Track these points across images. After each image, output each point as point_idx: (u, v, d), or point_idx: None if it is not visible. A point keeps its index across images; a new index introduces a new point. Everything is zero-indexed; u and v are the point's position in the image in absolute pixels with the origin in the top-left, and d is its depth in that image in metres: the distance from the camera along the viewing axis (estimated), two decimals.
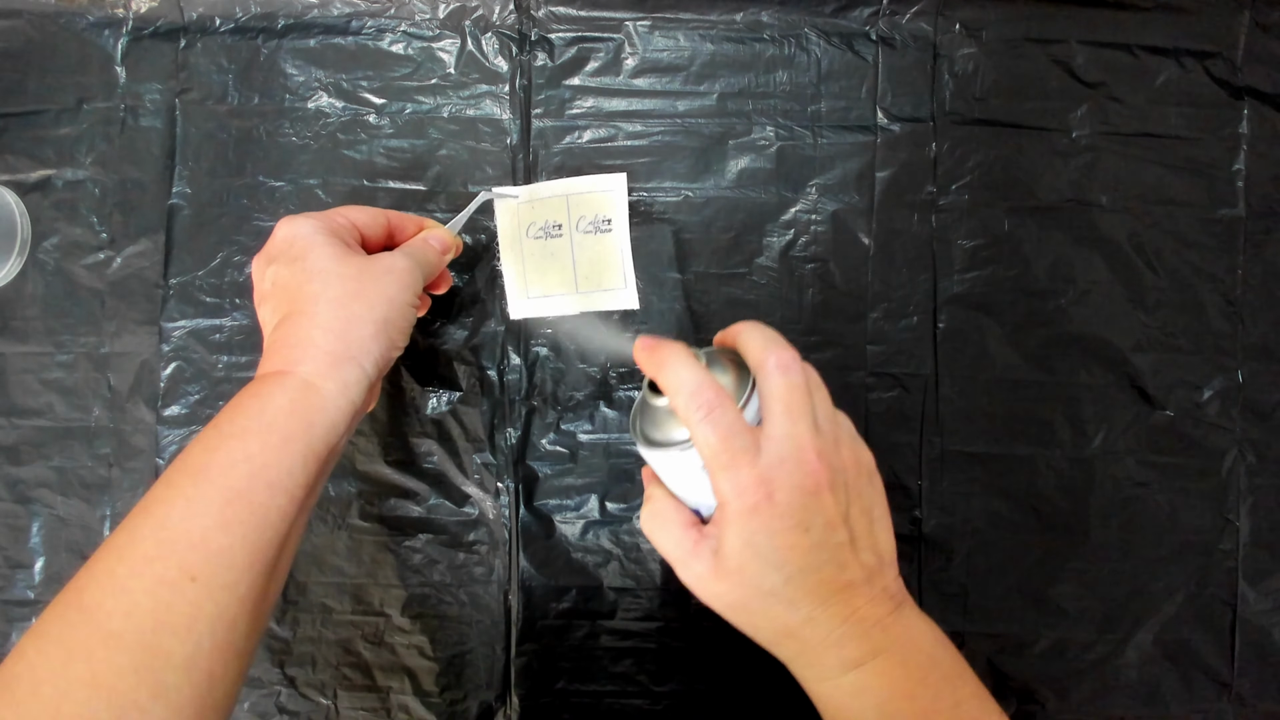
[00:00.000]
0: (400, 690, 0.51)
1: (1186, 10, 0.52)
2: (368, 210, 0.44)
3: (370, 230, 0.44)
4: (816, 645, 0.35)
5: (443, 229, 0.47)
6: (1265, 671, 0.51)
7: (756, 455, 0.34)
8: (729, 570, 0.34)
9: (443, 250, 0.46)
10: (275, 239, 0.41)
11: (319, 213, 0.42)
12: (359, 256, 0.41)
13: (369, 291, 0.40)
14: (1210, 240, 0.52)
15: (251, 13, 0.53)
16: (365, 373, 0.39)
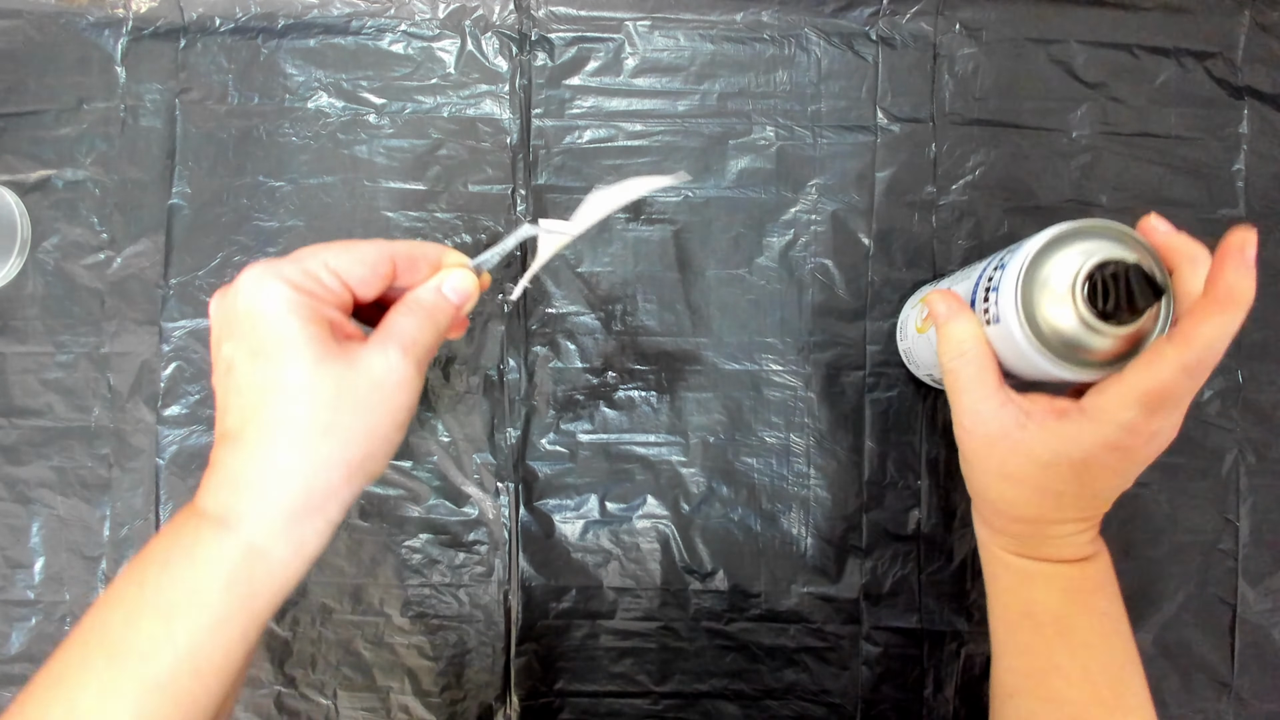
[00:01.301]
0: (400, 690, 0.51)
1: (1186, 10, 0.52)
2: (364, 251, 0.33)
3: (365, 286, 0.33)
4: (1060, 536, 0.38)
5: (464, 272, 0.36)
6: (1265, 671, 0.51)
7: (1179, 406, 0.34)
8: (1035, 450, 0.35)
9: (462, 302, 0.36)
10: (237, 307, 0.31)
11: (297, 262, 0.32)
12: (339, 362, 0.31)
13: (346, 424, 0.31)
14: (1210, 240, 0.52)
15: (251, 13, 0.53)
16: (330, 523, 0.31)
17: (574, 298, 0.52)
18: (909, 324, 0.48)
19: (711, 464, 0.52)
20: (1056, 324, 0.34)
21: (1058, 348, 0.35)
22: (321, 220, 0.52)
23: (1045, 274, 0.35)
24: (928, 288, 0.49)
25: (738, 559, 0.52)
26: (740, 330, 0.52)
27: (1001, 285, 0.36)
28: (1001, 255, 0.38)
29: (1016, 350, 0.35)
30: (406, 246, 0.35)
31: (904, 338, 0.50)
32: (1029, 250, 0.35)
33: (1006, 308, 0.35)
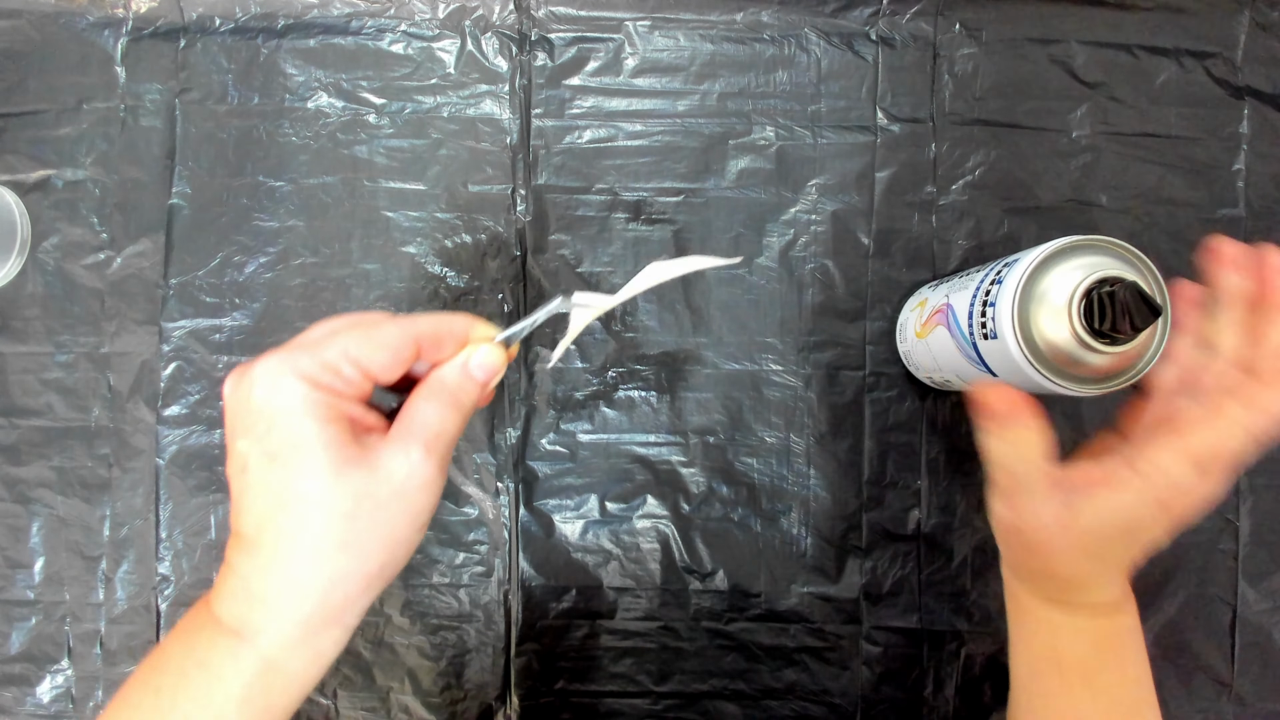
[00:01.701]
0: (400, 690, 0.51)
1: (1186, 10, 0.52)
2: (386, 335, 0.31)
3: (387, 372, 0.31)
4: (1094, 588, 0.37)
5: (491, 347, 0.34)
6: (1265, 671, 0.51)
7: (1236, 468, 0.33)
8: (1083, 523, 0.34)
9: (489, 379, 0.34)
10: (252, 403, 0.29)
11: (315, 352, 0.30)
12: (358, 469, 0.29)
13: (365, 536, 0.30)
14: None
15: (251, 13, 0.53)
16: (348, 629, 0.31)
17: None
18: (909, 327, 0.48)
19: (711, 464, 0.52)
20: (1053, 340, 0.34)
21: (1053, 364, 0.35)
22: (321, 220, 0.52)
23: (1043, 289, 0.35)
24: (927, 289, 0.49)
25: (738, 559, 0.52)
26: (740, 330, 0.52)
27: (999, 301, 0.36)
28: (998, 267, 0.38)
29: (1012, 365, 0.35)
30: (432, 324, 0.32)
31: (904, 340, 0.50)
32: (1026, 265, 0.35)
33: (1003, 324, 0.35)
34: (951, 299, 0.42)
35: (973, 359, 0.40)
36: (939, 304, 0.44)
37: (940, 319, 0.43)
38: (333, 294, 0.52)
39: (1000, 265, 0.38)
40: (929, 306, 0.46)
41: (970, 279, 0.41)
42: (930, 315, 0.45)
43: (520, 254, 0.52)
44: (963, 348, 0.41)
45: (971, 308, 0.39)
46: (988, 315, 0.37)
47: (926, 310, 0.46)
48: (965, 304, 0.40)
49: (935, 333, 0.44)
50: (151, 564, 0.52)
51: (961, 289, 0.42)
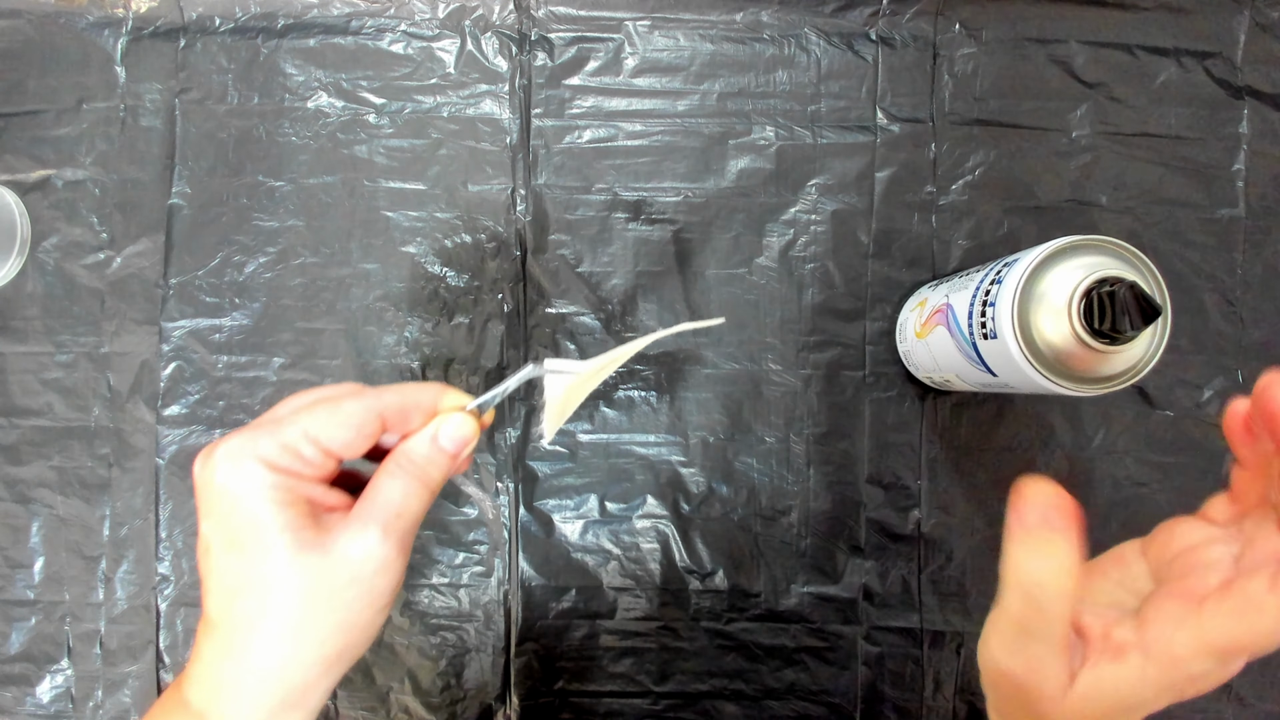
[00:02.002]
0: (400, 690, 0.51)
1: (1186, 10, 0.52)
2: (349, 413, 0.31)
3: (350, 449, 0.31)
4: None
5: (462, 417, 0.33)
6: (1265, 671, 0.51)
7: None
8: (1081, 694, 0.28)
9: (459, 450, 0.33)
10: (214, 485, 0.30)
11: (276, 432, 0.30)
12: (316, 554, 0.30)
13: (322, 622, 0.30)
14: (1210, 240, 0.52)
15: (251, 13, 0.53)
16: (310, 713, 0.31)
17: (574, 298, 0.52)
18: (908, 327, 0.48)
19: (711, 464, 0.52)
20: (1052, 340, 0.34)
21: (1053, 364, 0.35)
22: (321, 220, 0.52)
23: (1042, 289, 0.35)
24: (927, 289, 0.49)
25: (738, 559, 0.52)
26: (740, 330, 0.52)
27: (999, 300, 0.36)
28: (998, 267, 0.38)
29: (1012, 365, 0.35)
30: (398, 397, 0.32)
31: (904, 340, 0.50)
32: (1026, 265, 0.35)
33: (1003, 324, 0.35)
34: (951, 299, 0.42)
35: (972, 359, 0.40)
36: (939, 304, 0.44)
37: (940, 319, 0.44)
38: (333, 294, 0.52)
39: (1000, 265, 0.38)
40: (929, 306, 0.46)
41: (970, 279, 0.41)
42: (930, 315, 0.45)
43: (520, 254, 0.52)
44: (962, 347, 0.41)
45: (971, 307, 0.39)
46: (987, 315, 0.37)
47: (926, 310, 0.46)
48: (965, 304, 0.40)
49: (935, 333, 0.44)
50: (151, 564, 0.52)
51: (961, 289, 0.42)
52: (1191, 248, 0.52)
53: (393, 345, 0.52)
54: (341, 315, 0.52)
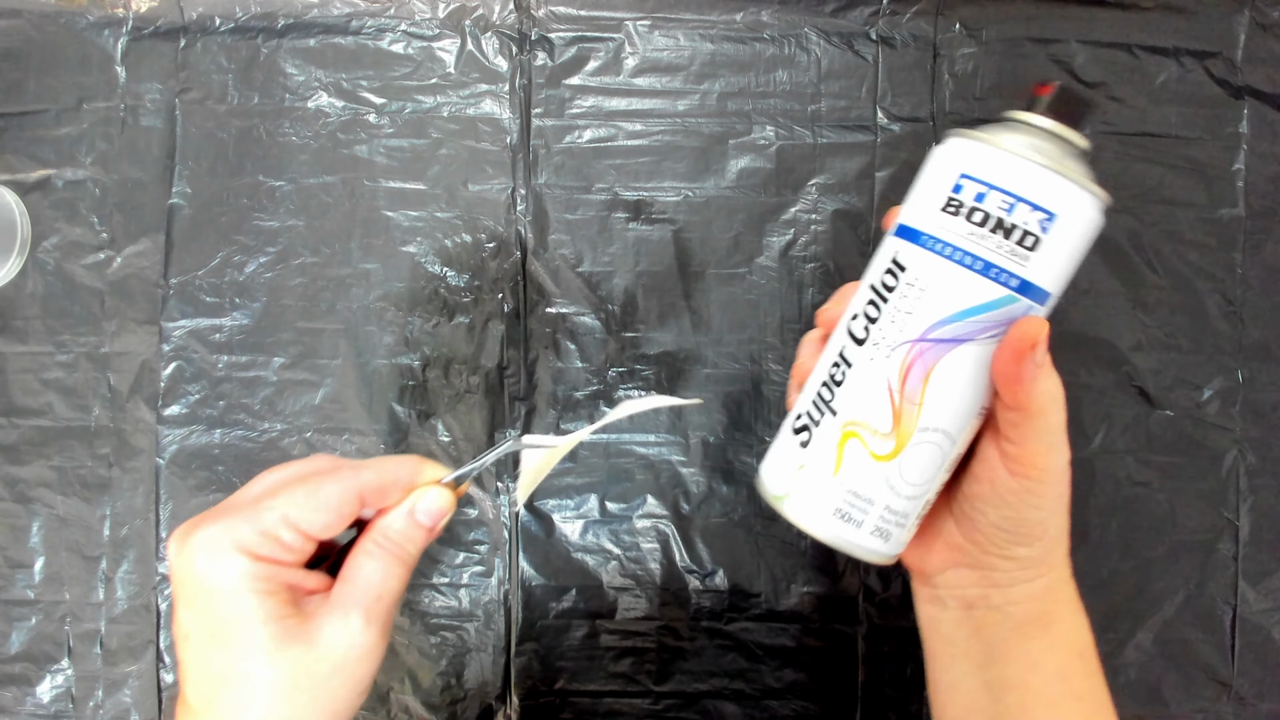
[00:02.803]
0: (400, 690, 0.51)
1: (1186, 10, 0.52)
2: (327, 495, 0.31)
3: (329, 531, 0.31)
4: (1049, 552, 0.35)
5: (439, 491, 0.33)
6: (1265, 671, 0.51)
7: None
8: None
9: (435, 524, 0.33)
10: (192, 573, 0.29)
11: (254, 518, 0.30)
12: (298, 644, 0.30)
13: (305, 711, 0.30)
14: (1210, 240, 0.52)
15: (251, 12, 0.53)
16: None
17: (574, 298, 0.52)
18: (819, 462, 0.38)
19: (711, 464, 0.52)
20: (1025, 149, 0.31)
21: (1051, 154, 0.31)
22: (321, 220, 0.52)
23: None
24: (810, 400, 0.36)
25: (738, 559, 0.52)
26: (740, 330, 0.52)
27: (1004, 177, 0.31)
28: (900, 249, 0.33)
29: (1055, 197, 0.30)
30: (376, 474, 0.32)
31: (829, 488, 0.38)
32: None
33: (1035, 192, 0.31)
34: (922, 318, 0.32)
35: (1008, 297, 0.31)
36: (909, 345, 0.32)
37: (935, 353, 0.32)
38: (333, 294, 0.52)
39: (899, 242, 0.33)
40: (878, 379, 0.33)
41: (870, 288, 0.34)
42: (907, 374, 0.33)
43: (520, 254, 0.52)
44: (994, 315, 0.32)
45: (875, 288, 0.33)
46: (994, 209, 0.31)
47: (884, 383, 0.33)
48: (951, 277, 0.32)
49: (943, 375, 0.33)
50: (151, 564, 0.52)
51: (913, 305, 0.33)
52: (1191, 248, 0.52)
53: (393, 345, 0.52)
54: (341, 315, 0.52)
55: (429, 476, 0.34)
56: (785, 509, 0.34)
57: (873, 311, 0.33)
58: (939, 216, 0.32)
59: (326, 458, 0.34)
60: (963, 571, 0.35)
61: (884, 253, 0.34)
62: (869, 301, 0.33)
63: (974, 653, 0.36)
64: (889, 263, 0.33)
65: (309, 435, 0.52)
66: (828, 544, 0.34)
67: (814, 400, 0.34)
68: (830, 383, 0.34)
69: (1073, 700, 0.35)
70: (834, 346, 0.35)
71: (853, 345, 0.33)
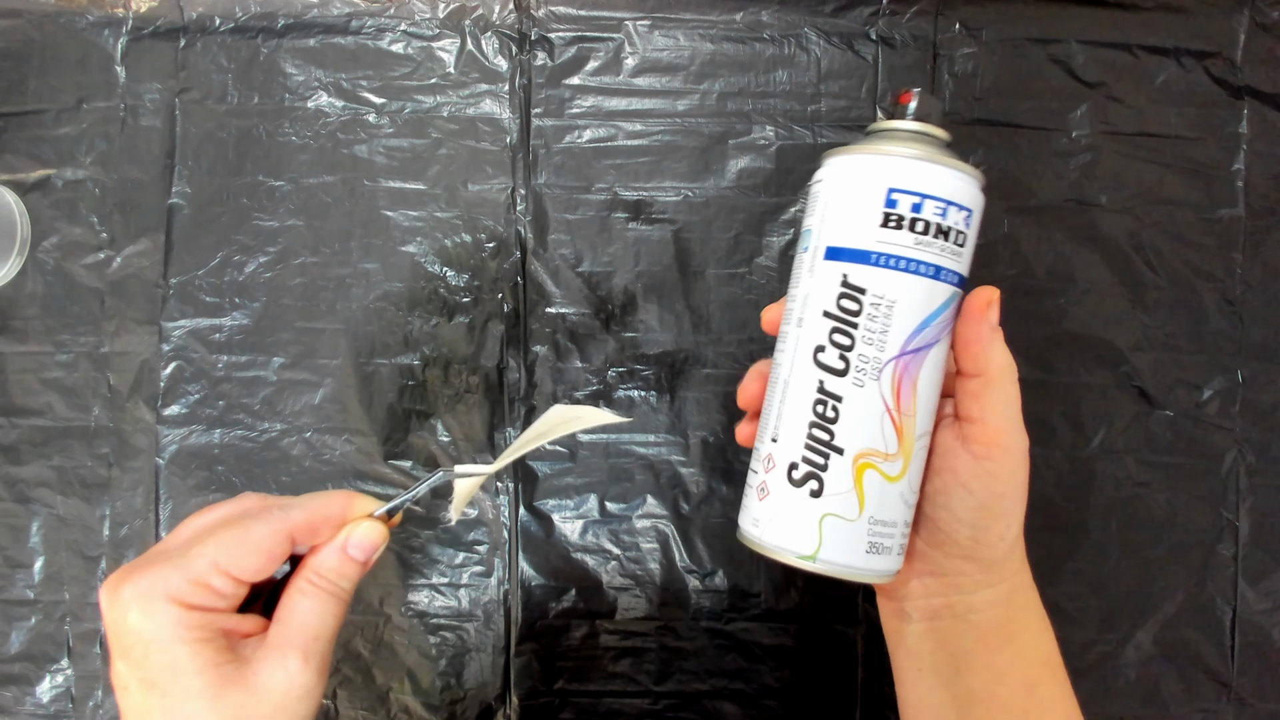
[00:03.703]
0: (400, 690, 0.51)
1: (1186, 10, 0.52)
2: (257, 538, 0.31)
3: (260, 574, 0.31)
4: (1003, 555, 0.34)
5: (370, 523, 0.33)
6: (1265, 671, 0.51)
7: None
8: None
9: (369, 558, 0.33)
10: (126, 625, 0.29)
11: (184, 566, 0.30)
12: (236, 689, 0.30)
13: None
14: (1210, 240, 0.52)
15: (251, 12, 0.53)
16: None
17: (574, 298, 0.52)
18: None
19: (711, 464, 0.52)
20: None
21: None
22: (321, 220, 0.52)
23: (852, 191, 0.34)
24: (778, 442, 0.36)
25: (738, 559, 0.52)
26: (740, 330, 0.52)
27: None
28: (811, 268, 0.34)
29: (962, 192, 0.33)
30: (306, 513, 0.32)
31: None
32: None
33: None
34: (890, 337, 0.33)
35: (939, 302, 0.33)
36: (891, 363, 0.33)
37: (912, 365, 0.33)
38: (333, 294, 0.52)
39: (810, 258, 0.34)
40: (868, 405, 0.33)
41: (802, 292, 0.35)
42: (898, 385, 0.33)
43: (520, 254, 0.52)
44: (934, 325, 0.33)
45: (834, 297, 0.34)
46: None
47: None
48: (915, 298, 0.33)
49: (918, 373, 0.33)
50: None
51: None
52: (1191, 248, 0.52)
53: (393, 345, 0.52)
54: (341, 315, 0.52)
55: (360, 511, 0.34)
56: (817, 566, 0.33)
57: (843, 339, 0.33)
58: (881, 233, 0.32)
59: (255, 497, 0.34)
60: (926, 580, 0.35)
61: (826, 279, 0.33)
62: (834, 330, 0.33)
63: (940, 666, 0.35)
64: (840, 287, 0.33)
65: (309, 435, 0.52)
66: (865, 582, 0.34)
67: (808, 444, 0.33)
68: (822, 422, 0.33)
69: (1041, 711, 0.35)
70: (805, 385, 0.33)
71: (834, 378, 0.33)
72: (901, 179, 0.32)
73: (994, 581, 0.34)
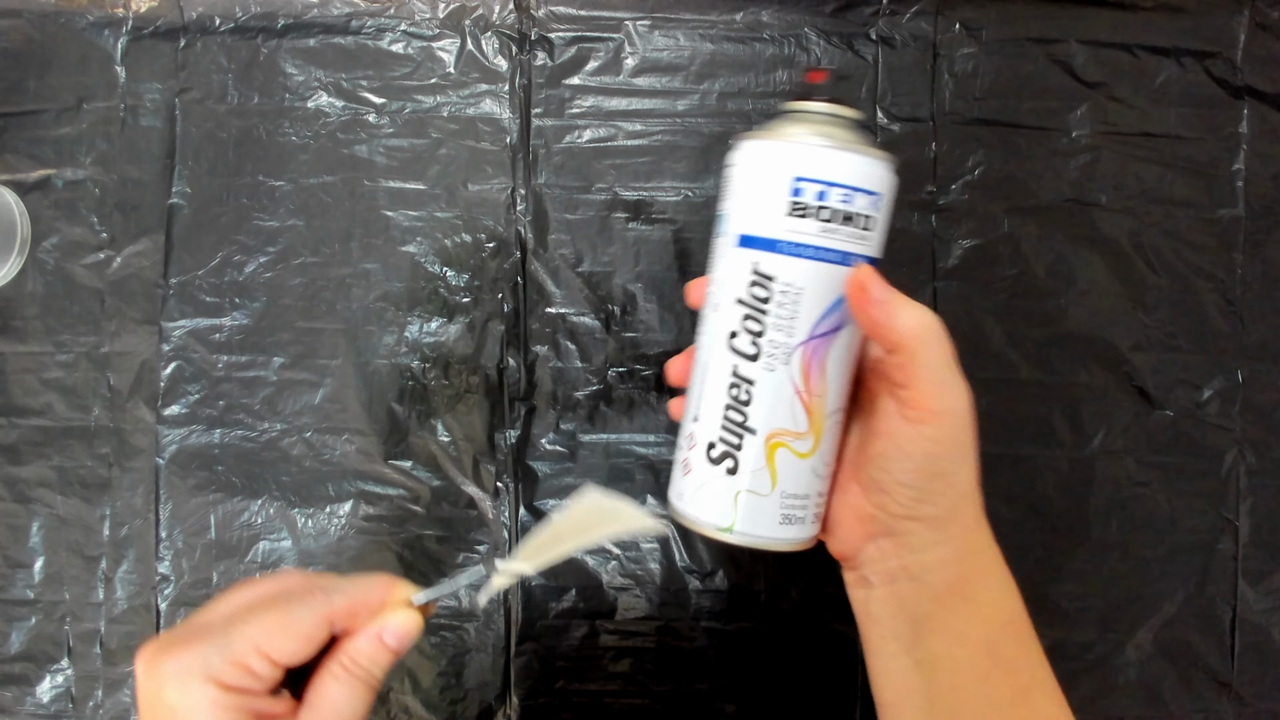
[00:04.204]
0: (400, 690, 0.51)
1: (1186, 10, 0.52)
2: (299, 623, 0.31)
3: (299, 658, 0.32)
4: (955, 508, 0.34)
5: (407, 613, 0.34)
6: (1265, 671, 0.51)
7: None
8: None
9: (402, 646, 0.34)
10: (164, 700, 0.30)
11: (226, 646, 0.30)
12: None
13: None
14: (1210, 240, 0.52)
15: (251, 12, 0.53)
16: None
17: (574, 298, 0.52)
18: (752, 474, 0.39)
19: None
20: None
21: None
22: (321, 220, 0.52)
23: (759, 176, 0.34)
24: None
25: (738, 559, 0.52)
26: None
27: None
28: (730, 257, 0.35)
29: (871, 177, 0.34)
30: (347, 600, 0.33)
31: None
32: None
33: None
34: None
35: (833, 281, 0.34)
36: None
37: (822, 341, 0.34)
38: (333, 293, 0.52)
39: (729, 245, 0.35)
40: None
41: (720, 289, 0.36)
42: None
43: (520, 254, 0.52)
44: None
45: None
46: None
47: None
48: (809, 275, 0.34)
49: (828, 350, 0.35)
50: (151, 563, 0.52)
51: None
52: (1191, 248, 0.52)
53: (393, 345, 0.52)
54: (341, 315, 0.52)
55: (398, 597, 0.34)
56: (733, 538, 0.35)
57: (754, 325, 0.34)
58: (788, 221, 0.33)
59: (298, 574, 0.34)
60: (880, 543, 0.35)
61: (738, 266, 0.34)
62: (745, 317, 0.34)
63: (901, 631, 0.35)
64: (751, 275, 0.34)
65: (309, 435, 0.52)
66: (781, 551, 0.35)
67: (724, 425, 0.35)
68: (736, 404, 0.34)
69: (1004, 673, 0.34)
70: (721, 368, 0.35)
71: (746, 363, 0.34)
72: (806, 167, 0.33)
73: (944, 539, 0.34)
